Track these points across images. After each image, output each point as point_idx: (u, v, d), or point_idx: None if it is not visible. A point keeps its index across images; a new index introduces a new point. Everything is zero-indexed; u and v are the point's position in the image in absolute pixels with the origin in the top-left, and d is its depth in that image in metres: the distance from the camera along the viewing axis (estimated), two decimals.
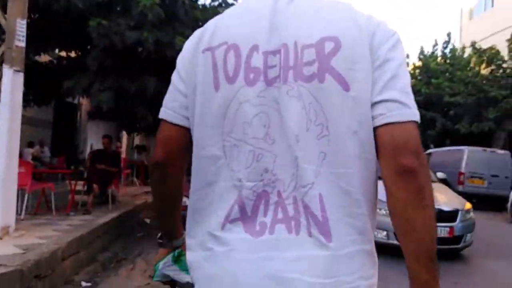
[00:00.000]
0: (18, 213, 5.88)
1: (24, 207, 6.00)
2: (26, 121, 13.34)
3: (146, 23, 6.23)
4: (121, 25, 6.26)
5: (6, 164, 4.57)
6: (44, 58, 7.85)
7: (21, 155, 12.00)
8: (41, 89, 7.59)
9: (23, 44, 4.73)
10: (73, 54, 7.95)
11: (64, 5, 5.79)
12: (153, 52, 6.28)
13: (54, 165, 13.11)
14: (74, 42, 7.05)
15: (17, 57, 4.64)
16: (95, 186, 6.93)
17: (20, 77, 4.72)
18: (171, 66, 1.01)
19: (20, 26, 4.65)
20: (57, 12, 5.87)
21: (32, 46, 6.79)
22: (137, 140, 24.30)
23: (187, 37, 1.12)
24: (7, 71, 4.54)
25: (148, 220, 8.50)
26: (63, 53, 8.04)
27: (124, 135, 22.49)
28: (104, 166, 7.29)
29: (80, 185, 7.38)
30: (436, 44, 21.68)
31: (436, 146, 18.36)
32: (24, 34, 4.74)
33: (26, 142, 12.81)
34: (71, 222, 5.99)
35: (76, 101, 16.32)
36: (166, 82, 1.05)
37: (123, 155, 16.11)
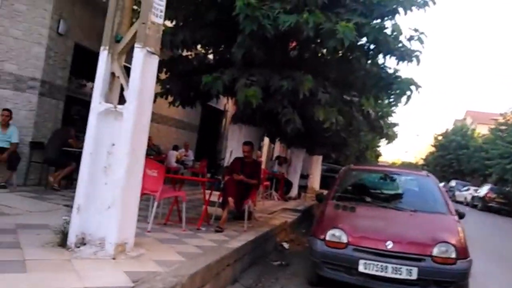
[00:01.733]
0: (147, 221, 5.18)
1: (152, 217, 5.22)
2: (174, 124, 13.86)
3: (307, 6, 5.01)
4: (275, 9, 5.13)
5: (129, 167, 3.70)
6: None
7: (165, 156, 12.32)
8: (184, 87, 6.95)
9: (160, 20, 3.84)
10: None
11: None
12: (312, 39, 5.00)
13: (196, 169, 12.97)
14: (219, 34, 6.17)
15: (152, 35, 3.75)
16: (230, 199, 5.89)
17: (154, 61, 3.84)
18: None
19: None
20: None
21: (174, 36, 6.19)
22: (276, 152, 23.78)
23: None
24: (139, 51, 3.68)
25: (286, 245, 7.22)
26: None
27: (265, 145, 22.15)
28: (242, 177, 6.24)
29: (215, 195, 6.46)
30: None
31: None
32: (163, 9, 3.85)
33: (172, 145, 12.98)
34: (200, 241, 4.99)
35: (222, 108, 16.34)
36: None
37: (263, 166, 15.42)
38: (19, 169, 7.15)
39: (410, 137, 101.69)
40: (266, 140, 16.73)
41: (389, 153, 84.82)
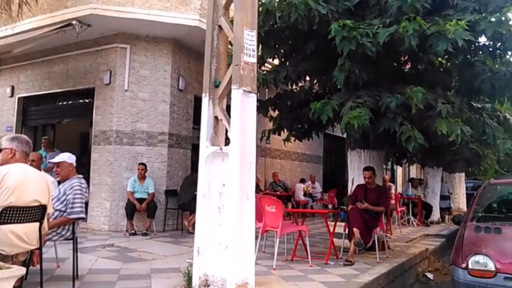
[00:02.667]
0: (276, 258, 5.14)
1: (275, 254, 5.16)
2: (297, 158, 13.96)
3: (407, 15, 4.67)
4: (373, 26, 4.88)
5: (239, 205, 3.72)
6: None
7: (293, 191, 12.36)
8: (295, 120, 6.94)
9: (253, 60, 3.91)
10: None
11: (304, 13, 4.87)
12: (420, 47, 4.59)
13: (325, 201, 12.70)
14: (321, 63, 6.06)
15: (247, 75, 3.82)
16: (355, 230, 5.54)
17: (252, 99, 3.89)
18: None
19: (249, 38, 3.85)
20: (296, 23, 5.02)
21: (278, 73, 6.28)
22: (413, 173, 22.09)
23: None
24: (235, 92, 3.77)
25: (430, 275, 6.47)
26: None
27: (399, 168, 20.79)
28: (367, 205, 5.85)
29: (340, 227, 6.15)
30: None
31: None
32: (254, 48, 3.92)
33: (299, 179, 13.01)
34: (326, 277, 4.75)
35: (345, 135, 15.96)
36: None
37: (396, 191, 14.40)
38: (158, 217, 7.83)
39: None
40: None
41: None
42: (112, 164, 7.97)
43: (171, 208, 8.16)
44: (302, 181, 12.86)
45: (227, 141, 4.01)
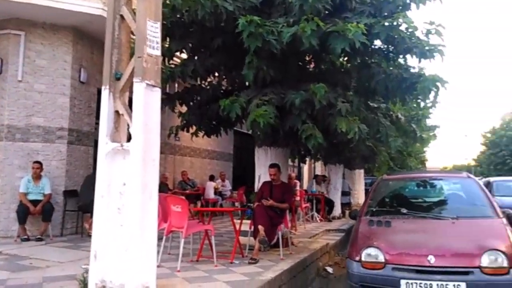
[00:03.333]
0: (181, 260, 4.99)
1: (180, 255, 5.03)
2: (208, 155, 13.86)
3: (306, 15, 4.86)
4: (278, 24, 4.99)
5: (142, 205, 3.54)
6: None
7: (203, 189, 12.22)
8: (203, 116, 6.86)
9: (157, 52, 3.74)
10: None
11: (210, 10, 4.82)
12: (320, 47, 4.80)
13: (234, 199, 12.79)
14: (229, 59, 6.08)
15: (150, 68, 3.65)
16: (260, 227, 5.62)
17: (156, 93, 3.72)
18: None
19: (152, 30, 3.69)
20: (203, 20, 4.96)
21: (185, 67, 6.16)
22: (318, 170, 23.19)
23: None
24: (138, 85, 3.58)
25: (330, 269, 6.80)
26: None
27: (306, 164, 21.67)
28: (272, 202, 5.97)
29: (246, 225, 6.20)
30: None
31: None
32: (159, 40, 3.76)
33: (208, 176, 12.92)
34: (231, 276, 4.73)
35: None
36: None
37: (302, 187, 14.99)
38: (55, 220, 7.23)
39: (458, 139, 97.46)
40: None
41: (437, 158, 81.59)
42: (2, 163, 7.21)
43: (70, 210, 7.59)
44: (212, 178, 12.80)
45: (129, 138, 3.81)
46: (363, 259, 4.06)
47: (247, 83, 5.98)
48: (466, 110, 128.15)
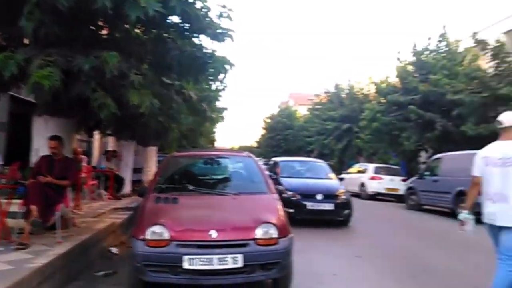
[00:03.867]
0: None
1: None
2: None
3: None
4: None
5: None
6: None
7: None
8: None
9: None
10: None
11: None
12: (111, 10, 4.40)
13: (5, 176, 10.98)
14: (4, 8, 5.04)
15: None
16: (33, 208, 4.92)
17: None
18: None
19: None
20: None
21: None
22: (111, 145, 22.05)
23: None
24: None
25: (115, 250, 6.48)
26: None
27: (96, 139, 20.25)
28: (50, 179, 5.29)
29: (16, 205, 5.34)
30: (430, 38, 20.29)
31: (435, 151, 16.87)
32: None
33: None
34: None
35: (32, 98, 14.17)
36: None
37: (91, 163, 13.96)
38: None
39: (246, 122, 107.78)
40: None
41: (226, 138, 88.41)
42: None
43: None
44: None
45: None
46: (148, 237, 3.95)
47: (26, 41, 5.08)
48: (254, 96, 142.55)
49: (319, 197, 9.28)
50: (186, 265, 3.81)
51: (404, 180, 17.48)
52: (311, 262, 5.95)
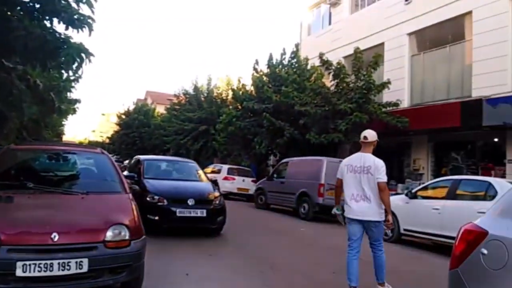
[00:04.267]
0: None
1: None
2: None
3: None
4: None
5: None
6: None
7: None
8: None
9: None
10: None
11: None
12: None
13: None
14: None
15: None
16: None
17: None
18: None
19: None
20: None
21: None
22: None
23: None
24: None
25: None
26: None
27: None
28: None
29: None
30: (284, 53, 21.99)
31: (283, 155, 18.30)
32: None
33: None
34: None
35: None
36: None
37: None
38: None
39: (97, 116, 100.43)
40: None
41: (75, 132, 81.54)
42: None
43: None
44: None
45: None
46: None
47: None
48: (108, 90, 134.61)
49: (190, 202, 8.03)
50: (19, 273, 3.37)
51: (254, 181, 18.67)
52: (164, 263, 5.86)
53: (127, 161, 42.58)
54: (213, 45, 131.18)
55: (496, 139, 14.15)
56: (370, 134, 5.29)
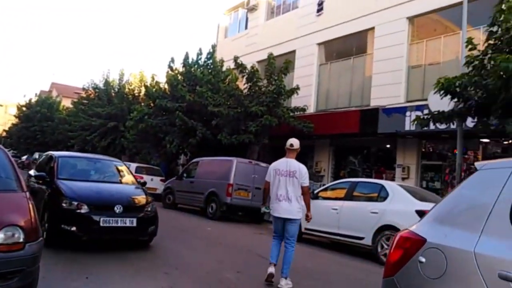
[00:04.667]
0: None
1: None
2: None
3: None
4: None
5: None
6: None
7: None
8: None
9: None
10: None
11: None
12: None
13: None
14: None
15: None
16: None
17: None
18: None
19: None
20: None
21: None
22: None
23: None
24: None
25: None
26: None
27: None
28: None
29: None
30: (200, 53, 22.00)
31: (195, 155, 18.34)
32: None
33: None
34: None
35: None
36: None
37: None
38: None
39: None
40: None
41: None
42: None
43: None
44: None
45: None
46: None
47: None
48: (7, 78, 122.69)
49: (117, 209, 6.75)
50: None
51: (163, 181, 18.44)
52: (62, 265, 5.62)
53: (25, 157, 39.41)
54: (127, 40, 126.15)
55: (388, 146, 15.60)
56: (295, 142, 5.99)
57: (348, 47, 17.87)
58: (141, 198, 7.48)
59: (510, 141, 9.14)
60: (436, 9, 14.33)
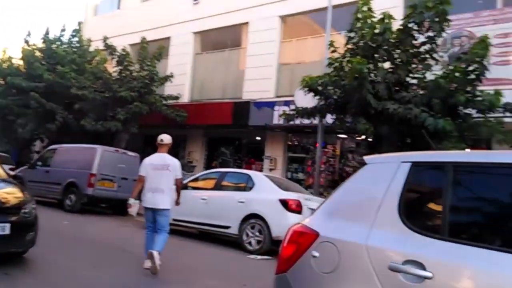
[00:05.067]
0: None
1: None
2: None
3: None
4: None
5: None
6: None
7: None
8: None
9: None
10: None
11: None
12: None
13: None
14: None
15: None
16: None
17: None
18: None
19: None
20: None
21: None
22: None
23: None
24: None
25: None
26: None
27: None
28: None
29: None
30: (64, 30, 19.96)
31: (54, 142, 16.62)
32: None
33: None
34: None
35: None
36: None
37: None
38: None
39: None
40: None
41: None
42: None
43: None
44: None
45: None
46: None
47: None
48: None
49: None
50: None
51: (12, 169, 16.21)
52: None
53: None
54: None
55: (258, 138, 16.17)
56: (165, 138, 6.29)
57: (224, 39, 17.99)
58: (13, 196, 5.72)
59: (363, 137, 10.09)
60: (306, 11, 15.22)
